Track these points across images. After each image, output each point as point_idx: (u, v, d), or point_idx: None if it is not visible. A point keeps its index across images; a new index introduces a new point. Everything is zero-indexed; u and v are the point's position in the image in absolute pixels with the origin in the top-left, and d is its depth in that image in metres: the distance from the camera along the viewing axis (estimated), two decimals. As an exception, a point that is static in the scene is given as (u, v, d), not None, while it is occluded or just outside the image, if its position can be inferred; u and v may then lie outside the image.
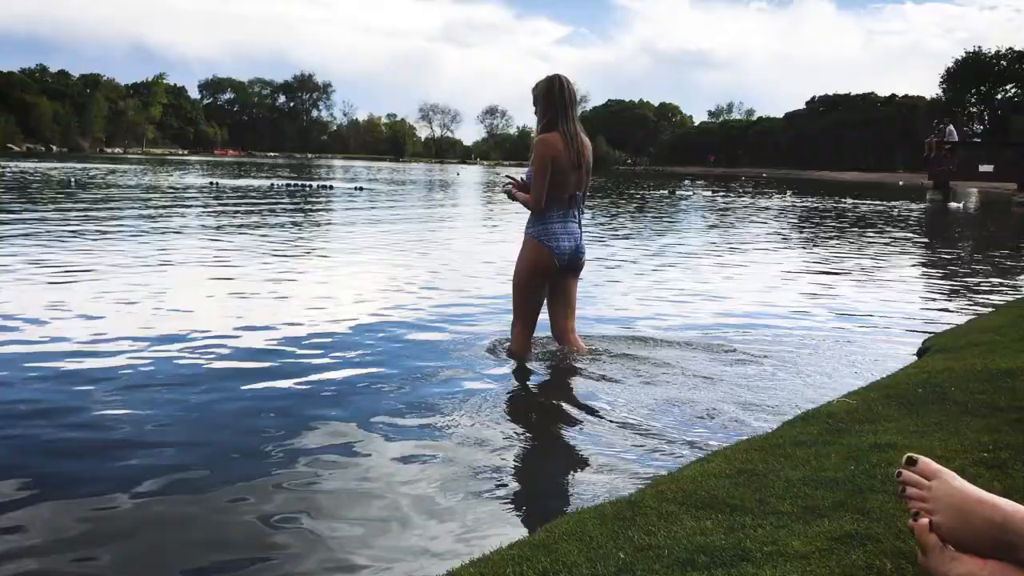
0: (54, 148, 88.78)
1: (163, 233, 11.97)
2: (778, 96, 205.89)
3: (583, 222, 4.88)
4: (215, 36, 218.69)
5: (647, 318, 6.40)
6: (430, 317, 6.11)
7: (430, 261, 9.75)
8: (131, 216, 14.84)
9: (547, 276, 4.72)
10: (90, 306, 6.13)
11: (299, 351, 4.98)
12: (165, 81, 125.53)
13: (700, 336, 5.59)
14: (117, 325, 5.49)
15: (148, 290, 6.87)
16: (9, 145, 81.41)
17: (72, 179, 27.35)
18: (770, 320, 6.27)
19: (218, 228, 13.11)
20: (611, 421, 3.72)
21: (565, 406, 3.99)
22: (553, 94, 4.60)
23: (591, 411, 3.89)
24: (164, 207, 17.89)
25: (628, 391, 4.20)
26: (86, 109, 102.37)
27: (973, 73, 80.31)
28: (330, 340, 5.28)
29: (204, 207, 18.12)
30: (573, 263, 4.79)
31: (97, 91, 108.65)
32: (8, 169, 31.11)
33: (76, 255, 8.99)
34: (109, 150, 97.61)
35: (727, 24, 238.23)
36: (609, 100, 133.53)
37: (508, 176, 5.09)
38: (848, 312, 6.78)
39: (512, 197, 4.91)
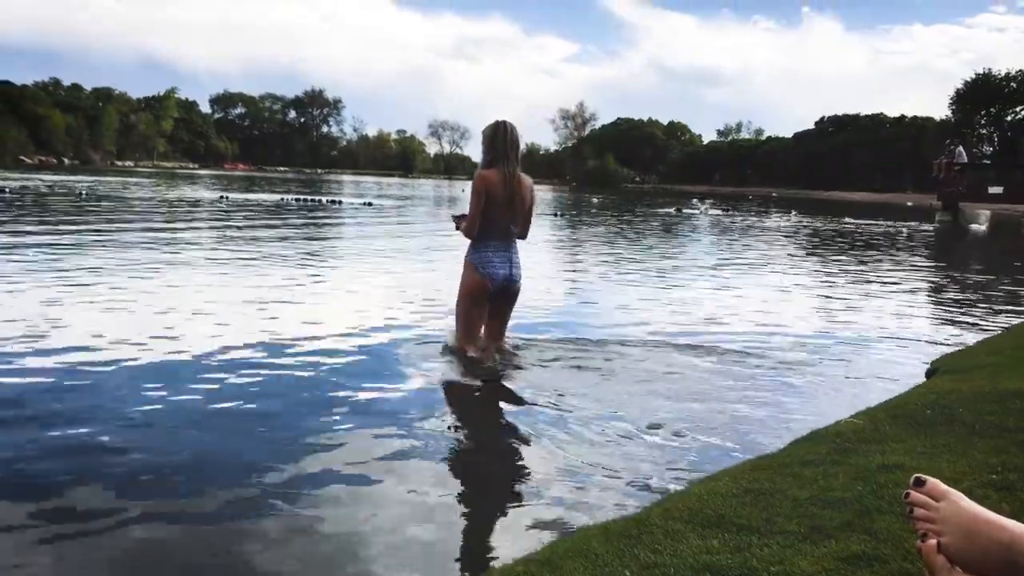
0: (66, 161, 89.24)
1: (170, 245, 12.02)
2: (786, 115, 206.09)
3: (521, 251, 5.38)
4: (227, 51, 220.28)
5: (650, 331, 6.41)
6: (423, 329, 6.11)
7: (428, 275, 9.76)
8: (141, 227, 14.91)
9: (484, 295, 5.23)
10: (90, 317, 6.16)
11: (290, 365, 4.99)
12: (177, 95, 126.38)
13: (706, 353, 5.58)
14: (107, 333, 5.51)
15: (146, 300, 6.90)
16: (21, 157, 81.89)
17: (83, 192, 27.48)
18: (777, 339, 6.25)
19: (226, 241, 13.16)
20: (614, 438, 3.71)
21: (567, 420, 3.98)
22: (496, 138, 5.15)
23: (594, 427, 3.88)
24: (175, 220, 17.97)
25: (633, 408, 4.19)
26: (98, 122, 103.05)
27: (983, 95, 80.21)
28: (318, 354, 5.32)
29: (214, 220, 18.20)
30: (506, 288, 5.28)
31: (109, 104, 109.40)
32: (10, 185, 31.10)
33: (86, 267, 9.03)
34: (120, 163, 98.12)
35: (734, 43, 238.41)
36: (618, 118, 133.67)
37: (452, 214, 5.56)
38: (856, 332, 6.75)
39: (459, 228, 5.39)
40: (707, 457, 3.45)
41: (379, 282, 9.14)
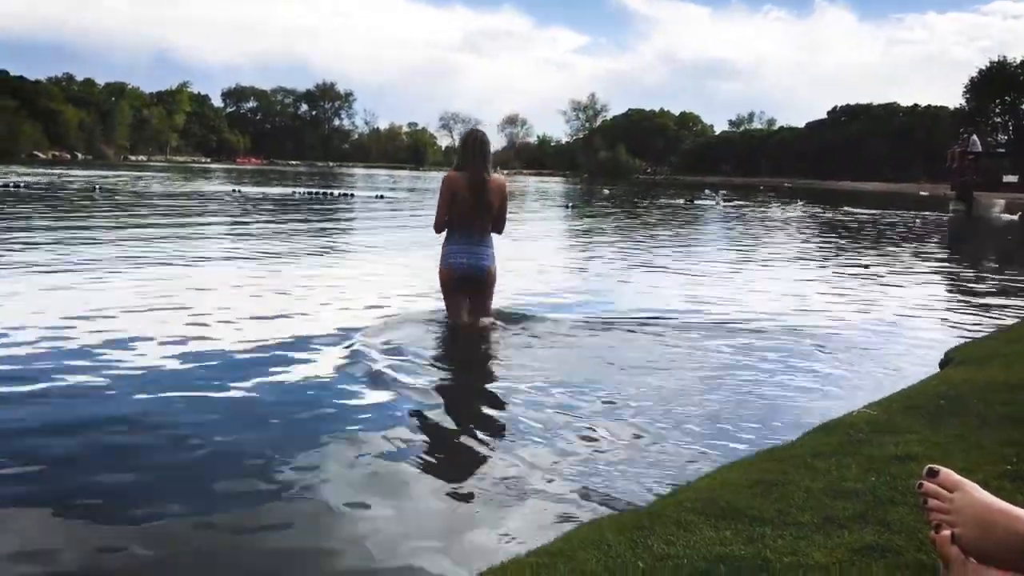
0: (79, 156, 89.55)
1: (185, 241, 12.08)
2: (799, 105, 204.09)
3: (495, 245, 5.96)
4: (238, 45, 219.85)
5: (658, 318, 6.47)
6: (434, 319, 6.17)
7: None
8: (158, 222, 14.99)
9: (452, 283, 5.83)
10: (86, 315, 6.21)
11: (297, 352, 5.05)
12: (189, 89, 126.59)
13: (716, 343, 5.57)
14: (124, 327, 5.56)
15: (155, 296, 6.94)
16: (35, 152, 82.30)
17: (97, 187, 27.63)
18: (789, 330, 6.22)
19: (242, 236, 13.22)
20: (624, 427, 3.71)
21: (574, 408, 3.99)
22: (467, 145, 5.85)
23: (602, 416, 3.89)
24: (190, 215, 18.05)
25: (640, 397, 4.19)
26: (111, 117, 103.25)
27: (998, 83, 79.41)
28: (324, 340, 5.40)
29: (228, 215, 18.29)
30: (471, 278, 5.82)
31: (122, 99, 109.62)
32: (25, 179, 31.27)
33: (89, 261, 9.09)
34: (133, 158, 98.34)
35: (746, 33, 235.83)
36: (629, 109, 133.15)
37: None
38: (869, 322, 6.73)
39: None
40: (718, 447, 3.45)
41: (390, 269, 9.17)
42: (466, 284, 5.84)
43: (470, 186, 5.72)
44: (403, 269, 9.63)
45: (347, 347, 5.20)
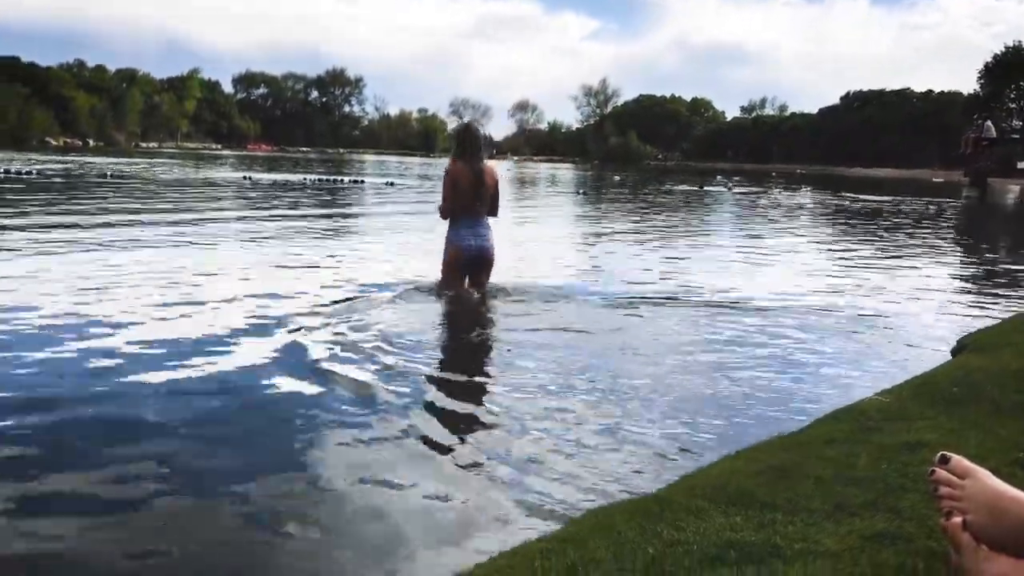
0: (90, 142, 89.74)
1: (197, 229, 12.12)
2: (811, 91, 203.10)
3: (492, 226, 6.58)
4: (248, 32, 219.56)
5: (664, 300, 6.54)
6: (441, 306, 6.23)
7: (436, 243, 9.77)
8: (161, 209, 15.05)
9: (460, 263, 6.44)
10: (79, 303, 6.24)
11: (306, 334, 5.06)
12: (199, 76, 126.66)
13: (728, 327, 5.57)
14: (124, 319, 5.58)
15: (158, 283, 6.97)
16: (47, 139, 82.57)
17: (107, 172, 27.73)
18: (801, 316, 6.19)
19: (253, 230, 13.26)
20: (636, 414, 3.71)
21: (580, 393, 3.99)
22: (463, 136, 6.55)
23: (615, 402, 3.88)
24: (201, 202, 18.12)
25: (654, 384, 4.19)
26: (122, 103, 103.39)
27: (1013, 68, 78.57)
28: (323, 327, 5.38)
29: (239, 202, 18.33)
30: (479, 257, 6.46)
31: (133, 85, 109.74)
32: (35, 167, 31.39)
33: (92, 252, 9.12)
34: (144, 144, 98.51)
35: (758, 19, 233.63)
36: (641, 95, 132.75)
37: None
38: (881, 308, 6.69)
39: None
40: (728, 434, 3.44)
41: (394, 253, 9.19)
42: (472, 263, 6.46)
43: (470, 176, 6.35)
44: (406, 253, 9.64)
45: (348, 333, 5.19)
